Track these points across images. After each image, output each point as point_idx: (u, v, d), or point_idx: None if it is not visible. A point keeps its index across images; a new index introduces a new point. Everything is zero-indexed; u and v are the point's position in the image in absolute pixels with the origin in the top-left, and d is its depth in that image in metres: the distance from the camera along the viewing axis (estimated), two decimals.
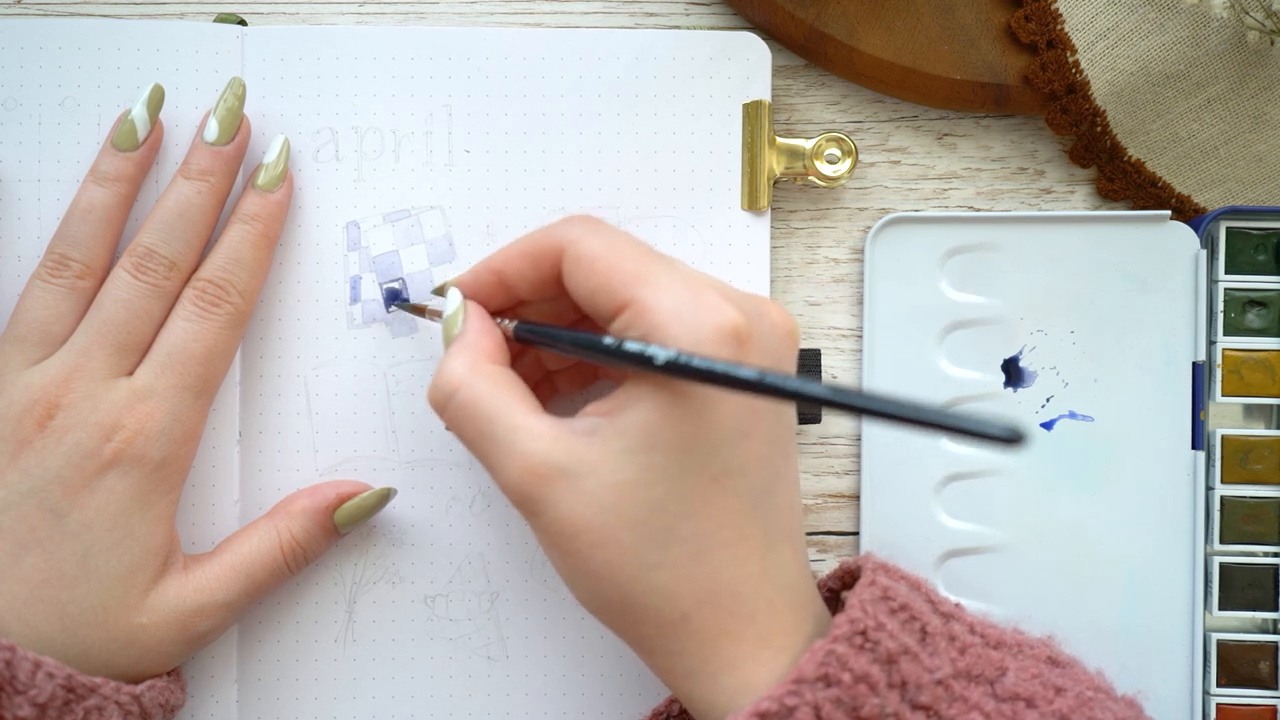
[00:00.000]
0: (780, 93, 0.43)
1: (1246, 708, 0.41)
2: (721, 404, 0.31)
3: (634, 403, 0.32)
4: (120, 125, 0.38)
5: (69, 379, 0.36)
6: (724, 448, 0.32)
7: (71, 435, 0.35)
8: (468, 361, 0.34)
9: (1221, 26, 0.41)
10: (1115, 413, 0.42)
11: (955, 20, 0.42)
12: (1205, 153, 0.43)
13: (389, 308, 0.41)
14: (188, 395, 0.37)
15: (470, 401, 0.33)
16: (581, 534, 0.31)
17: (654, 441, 0.31)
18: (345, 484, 0.40)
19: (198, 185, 0.38)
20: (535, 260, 0.35)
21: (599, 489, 0.31)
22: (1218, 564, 0.42)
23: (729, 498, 0.32)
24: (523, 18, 0.43)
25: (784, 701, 0.30)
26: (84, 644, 0.35)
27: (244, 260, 0.38)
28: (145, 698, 0.36)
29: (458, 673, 0.41)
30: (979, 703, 0.32)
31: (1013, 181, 0.44)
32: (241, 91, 0.39)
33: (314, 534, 0.39)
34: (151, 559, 0.36)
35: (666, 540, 0.31)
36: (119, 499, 0.36)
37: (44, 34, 0.40)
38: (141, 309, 0.37)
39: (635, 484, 0.31)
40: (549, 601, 0.41)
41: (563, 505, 0.31)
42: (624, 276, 0.32)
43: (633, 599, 0.32)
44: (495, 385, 0.33)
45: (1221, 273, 0.42)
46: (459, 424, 0.33)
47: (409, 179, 0.41)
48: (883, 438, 0.42)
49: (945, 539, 0.42)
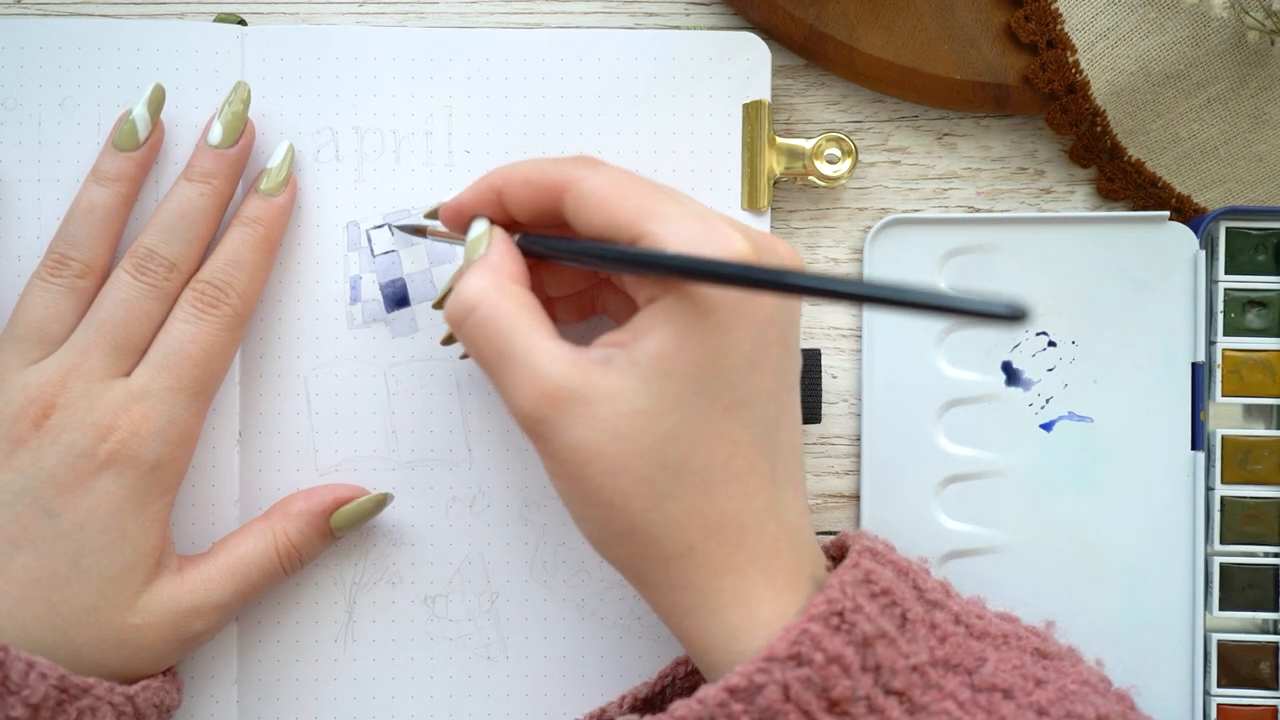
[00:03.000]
0: (780, 93, 0.43)
1: (1247, 708, 0.41)
2: (734, 332, 0.31)
3: (649, 332, 0.31)
4: (121, 125, 0.39)
5: (66, 379, 0.36)
6: (736, 378, 0.32)
7: (67, 435, 0.35)
8: (490, 279, 0.33)
9: (1221, 26, 0.41)
10: (1115, 413, 0.42)
11: (955, 20, 0.42)
12: (1205, 153, 0.43)
13: (392, 231, 0.41)
14: (184, 396, 0.37)
15: (490, 318, 0.32)
16: (594, 461, 0.31)
17: (669, 370, 0.31)
18: (343, 488, 0.40)
19: (200, 187, 0.38)
20: (537, 190, 0.34)
21: (614, 417, 0.31)
22: (1218, 564, 0.42)
23: (739, 429, 0.32)
24: (523, 18, 0.43)
25: (753, 679, 0.30)
26: (75, 644, 0.35)
27: (244, 262, 0.38)
28: (139, 698, 0.35)
29: (458, 673, 0.41)
30: (954, 691, 0.32)
31: (1013, 181, 0.44)
32: (247, 96, 0.39)
33: (310, 537, 0.39)
34: (144, 561, 0.36)
35: (678, 470, 0.31)
36: (112, 500, 0.35)
37: (44, 34, 0.40)
38: (141, 310, 0.37)
39: (650, 413, 0.31)
40: (549, 601, 0.41)
41: (576, 431, 0.31)
42: (632, 212, 0.32)
43: (641, 530, 0.32)
44: (517, 305, 0.33)
45: (1221, 273, 0.42)
46: (476, 340, 0.33)
47: (409, 179, 0.41)
48: (883, 438, 0.42)
49: (945, 540, 0.42)
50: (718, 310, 0.31)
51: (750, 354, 0.32)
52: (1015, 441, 0.42)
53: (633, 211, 0.32)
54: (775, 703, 0.30)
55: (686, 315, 0.31)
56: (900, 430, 0.42)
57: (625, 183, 0.33)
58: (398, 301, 0.41)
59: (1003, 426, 0.42)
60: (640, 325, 0.32)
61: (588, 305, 0.40)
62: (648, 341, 0.31)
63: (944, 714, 0.31)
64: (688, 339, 0.31)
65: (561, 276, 0.38)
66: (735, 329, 0.31)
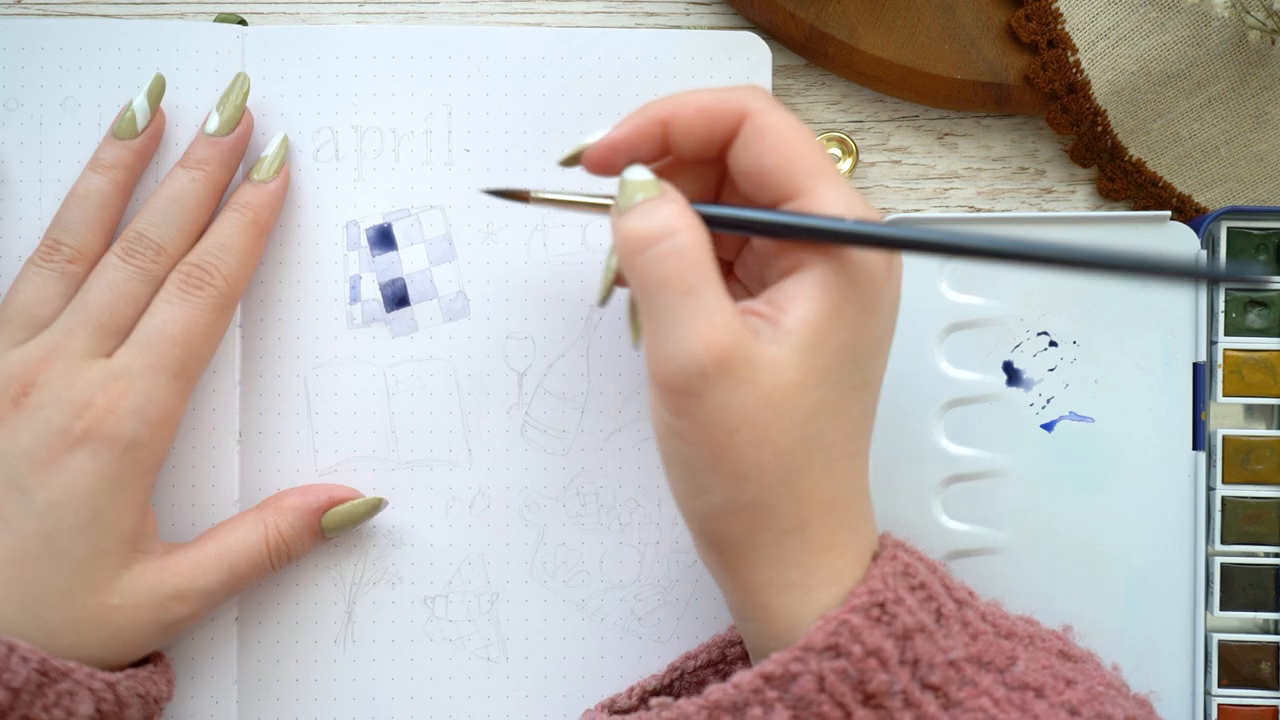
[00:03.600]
0: (780, 92, 0.43)
1: (1247, 708, 0.41)
2: (874, 313, 0.32)
3: (798, 302, 0.31)
4: (121, 115, 0.39)
5: (47, 358, 0.36)
6: (866, 358, 0.32)
7: (44, 412, 0.35)
8: (690, 214, 0.31)
9: (1222, 26, 0.41)
10: (1116, 413, 0.42)
11: (955, 20, 0.42)
12: (1206, 152, 0.43)
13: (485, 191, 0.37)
14: (164, 376, 0.36)
15: (688, 247, 0.30)
16: (743, 430, 0.30)
17: (821, 343, 0.31)
18: (339, 489, 0.40)
19: (193, 174, 0.38)
20: (710, 119, 0.32)
21: (772, 386, 0.30)
22: (1219, 564, 0.42)
23: (859, 410, 0.32)
24: (523, 17, 0.43)
25: (788, 668, 0.30)
26: (49, 625, 0.34)
27: (231, 246, 0.38)
28: (121, 685, 0.35)
29: (458, 673, 0.41)
30: (989, 689, 0.32)
31: (1013, 181, 0.44)
32: (246, 87, 0.39)
33: (301, 533, 0.39)
34: (120, 543, 0.36)
35: (813, 446, 0.31)
36: (87, 479, 0.35)
37: (44, 34, 0.40)
38: (127, 292, 0.37)
39: (801, 385, 0.31)
40: (549, 602, 0.41)
41: (736, 394, 0.30)
42: (806, 165, 0.31)
43: (767, 503, 0.31)
44: (707, 242, 0.31)
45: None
46: (664, 269, 0.30)
47: (409, 178, 0.41)
48: (883, 438, 0.42)
49: (946, 540, 0.42)
50: (864, 289, 0.31)
51: (879, 338, 0.32)
52: (1016, 441, 0.42)
53: (808, 165, 0.31)
54: (810, 693, 0.30)
55: (839, 289, 0.31)
56: (901, 430, 0.42)
57: (804, 130, 0.32)
58: (397, 301, 0.41)
59: (1004, 426, 0.42)
60: (783, 296, 0.31)
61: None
62: (800, 311, 0.31)
63: (979, 710, 0.31)
64: (839, 314, 0.31)
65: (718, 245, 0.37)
66: (875, 310, 0.31)
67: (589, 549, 0.41)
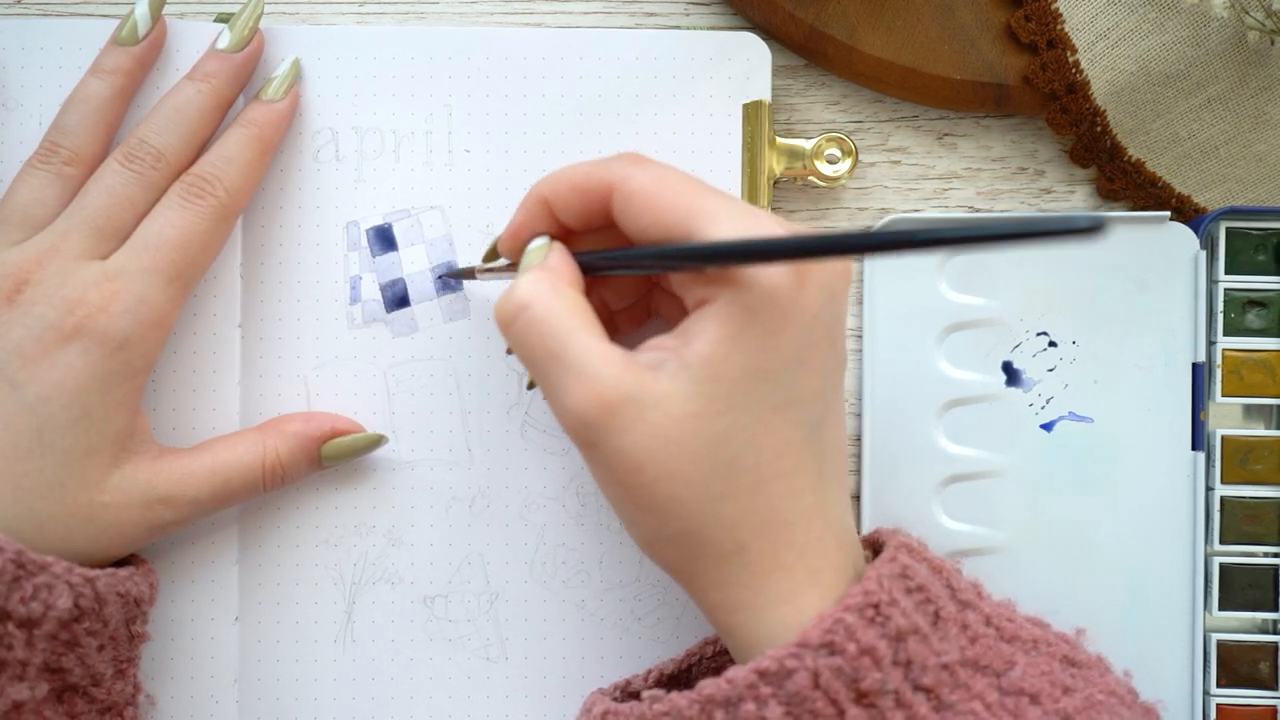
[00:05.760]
0: (780, 93, 0.43)
1: (1247, 708, 0.41)
2: (782, 333, 0.31)
3: (698, 335, 0.31)
4: (123, 22, 0.39)
5: (43, 258, 0.36)
6: (784, 377, 0.32)
7: (37, 309, 0.35)
8: (545, 281, 0.33)
9: (1222, 26, 0.41)
10: (1115, 413, 0.42)
11: (955, 20, 0.42)
12: (1205, 153, 0.43)
13: (438, 279, 0.41)
14: (159, 279, 0.36)
15: (542, 317, 0.32)
16: (646, 467, 0.31)
17: (719, 372, 0.31)
18: (341, 420, 0.40)
19: (199, 85, 0.39)
20: (583, 194, 0.34)
21: (666, 421, 0.31)
22: (1218, 564, 0.42)
23: (788, 428, 0.32)
24: (523, 18, 0.43)
25: (784, 663, 0.30)
26: (39, 517, 0.35)
27: (235, 159, 0.38)
28: (100, 582, 0.35)
29: (457, 673, 0.41)
30: (982, 692, 0.32)
31: (1013, 181, 0.44)
32: (260, 9, 0.40)
33: (299, 458, 0.39)
34: (110, 443, 0.36)
35: (729, 471, 0.31)
36: (77, 376, 0.35)
37: (44, 34, 0.40)
38: (125, 196, 0.37)
39: (701, 415, 0.31)
40: (549, 602, 0.41)
41: (628, 436, 0.31)
42: (680, 211, 0.32)
43: (694, 532, 0.32)
44: (570, 306, 0.32)
45: (1221, 273, 0.42)
46: (527, 340, 0.32)
47: (409, 178, 0.41)
48: (883, 438, 0.42)
49: (946, 540, 0.42)
50: (766, 311, 0.31)
51: (798, 354, 0.32)
52: (1016, 441, 0.42)
53: (680, 210, 0.32)
54: (804, 689, 0.30)
55: (735, 317, 0.31)
56: (900, 430, 0.42)
57: (671, 180, 0.33)
58: (398, 301, 0.41)
59: (1003, 426, 0.42)
60: (690, 329, 0.32)
61: (643, 312, 0.40)
62: (698, 344, 0.31)
63: (970, 714, 0.31)
64: (737, 340, 0.31)
65: (620, 288, 0.38)
66: (783, 329, 0.31)
67: (589, 549, 0.41)
